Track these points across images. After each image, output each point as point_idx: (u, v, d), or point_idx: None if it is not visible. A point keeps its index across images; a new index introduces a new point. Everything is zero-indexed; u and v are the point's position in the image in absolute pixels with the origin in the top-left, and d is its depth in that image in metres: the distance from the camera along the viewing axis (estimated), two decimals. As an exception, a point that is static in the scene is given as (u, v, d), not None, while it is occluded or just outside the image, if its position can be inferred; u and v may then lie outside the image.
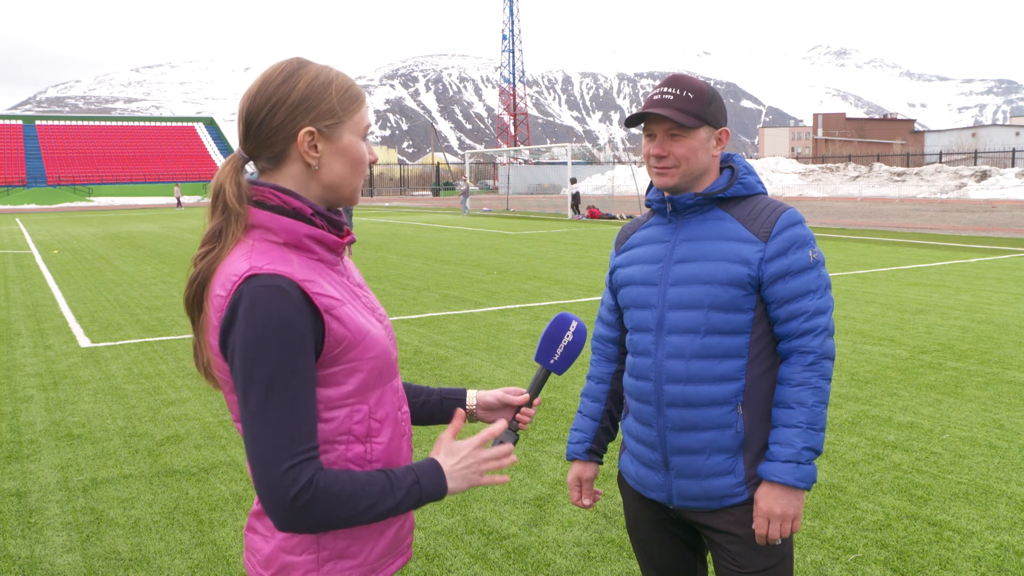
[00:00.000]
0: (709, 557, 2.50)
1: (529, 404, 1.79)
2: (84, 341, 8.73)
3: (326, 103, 1.44)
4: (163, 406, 6.18)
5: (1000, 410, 5.64)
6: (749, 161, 2.10)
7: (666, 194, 2.03)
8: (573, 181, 34.07)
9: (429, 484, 1.44)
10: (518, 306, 10.38)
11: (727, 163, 2.08)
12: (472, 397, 1.80)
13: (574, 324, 1.81)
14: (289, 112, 1.42)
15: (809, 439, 1.89)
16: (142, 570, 3.64)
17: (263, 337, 1.31)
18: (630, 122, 2.01)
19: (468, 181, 41.99)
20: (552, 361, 1.80)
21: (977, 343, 7.66)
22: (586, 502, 2.25)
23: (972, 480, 4.43)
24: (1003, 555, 3.60)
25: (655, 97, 1.98)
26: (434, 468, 1.46)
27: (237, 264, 1.37)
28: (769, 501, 1.91)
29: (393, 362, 1.53)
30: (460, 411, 1.58)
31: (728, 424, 1.95)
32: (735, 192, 2.00)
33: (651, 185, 2.09)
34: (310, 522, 1.34)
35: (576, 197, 32.98)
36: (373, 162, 1.54)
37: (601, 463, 2.26)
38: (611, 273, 2.19)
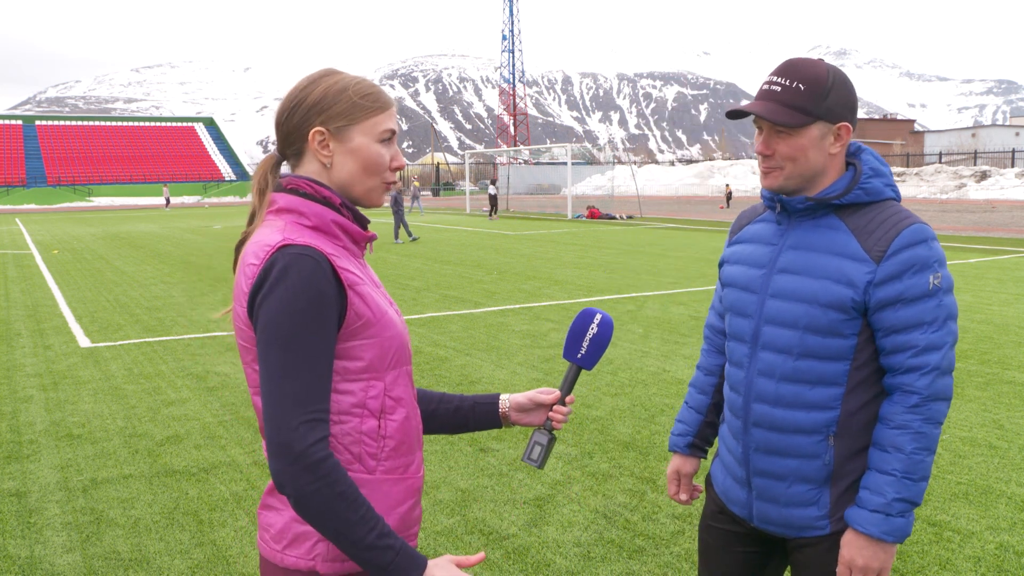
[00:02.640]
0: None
1: (562, 402, 1.79)
2: (84, 341, 8.73)
3: (339, 106, 1.53)
4: (163, 406, 6.18)
5: (1000, 410, 5.64)
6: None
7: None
8: (493, 182, 34.38)
9: (405, 562, 1.40)
10: (518, 306, 10.38)
11: (852, 159, 1.82)
12: (505, 401, 1.82)
13: (598, 317, 1.78)
14: (304, 113, 1.54)
15: (903, 490, 1.70)
16: (142, 570, 3.64)
17: (293, 299, 1.40)
18: (732, 115, 1.81)
19: (417, 183, 43.24)
20: (579, 356, 1.78)
21: (977, 343, 7.66)
22: (683, 497, 2.15)
23: (972, 480, 4.43)
24: (1003, 555, 3.60)
25: (763, 87, 1.76)
26: (419, 560, 1.42)
27: (271, 236, 1.47)
28: (852, 550, 1.75)
29: (409, 349, 1.60)
30: (482, 554, 1.55)
31: (815, 454, 1.78)
32: (854, 199, 1.76)
33: None
34: (306, 484, 1.36)
35: (494, 199, 33.11)
36: (398, 168, 1.61)
37: (704, 457, 2.14)
38: (720, 266, 2.03)
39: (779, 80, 1.73)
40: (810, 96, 1.71)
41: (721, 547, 2.04)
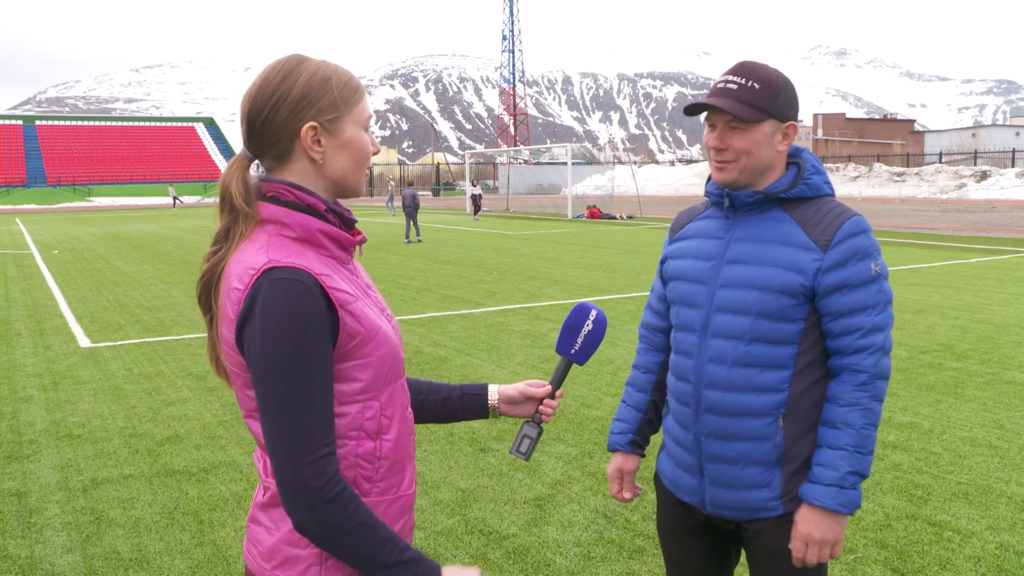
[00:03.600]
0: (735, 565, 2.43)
1: (552, 396, 1.79)
2: (84, 341, 8.73)
3: (327, 98, 1.44)
4: (163, 406, 6.18)
5: (1000, 410, 5.64)
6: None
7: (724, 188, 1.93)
8: (474, 183, 34.85)
9: (425, 571, 1.40)
10: (518, 306, 10.38)
11: (794, 159, 1.95)
12: (494, 392, 1.80)
13: (593, 313, 1.79)
14: (291, 109, 1.42)
15: (855, 463, 1.80)
16: (142, 570, 3.64)
17: (284, 330, 1.32)
18: (689, 110, 1.89)
19: (393, 184, 43.84)
20: (573, 351, 1.79)
21: (977, 343, 7.66)
22: (626, 495, 2.18)
23: (972, 480, 4.43)
24: (1003, 555, 3.60)
25: (719, 85, 1.87)
26: (435, 570, 1.42)
27: (255, 257, 1.37)
28: (809, 525, 1.82)
29: (402, 360, 1.54)
30: (478, 570, 1.51)
31: (766, 436, 1.87)
32: (799, 193, 1.89)
33: (711, 175, 1.98)
34: (329, 523, 1.34)
35: (477, 198, 33.50)
36: (375, 153, 1.54)
37: (643, 455, 2.19)
38: (662, 263, 2.11)
39: (735, 79, 1.85)
40: (765, 94, 1.83)
41: (682, 542, 2.10)
